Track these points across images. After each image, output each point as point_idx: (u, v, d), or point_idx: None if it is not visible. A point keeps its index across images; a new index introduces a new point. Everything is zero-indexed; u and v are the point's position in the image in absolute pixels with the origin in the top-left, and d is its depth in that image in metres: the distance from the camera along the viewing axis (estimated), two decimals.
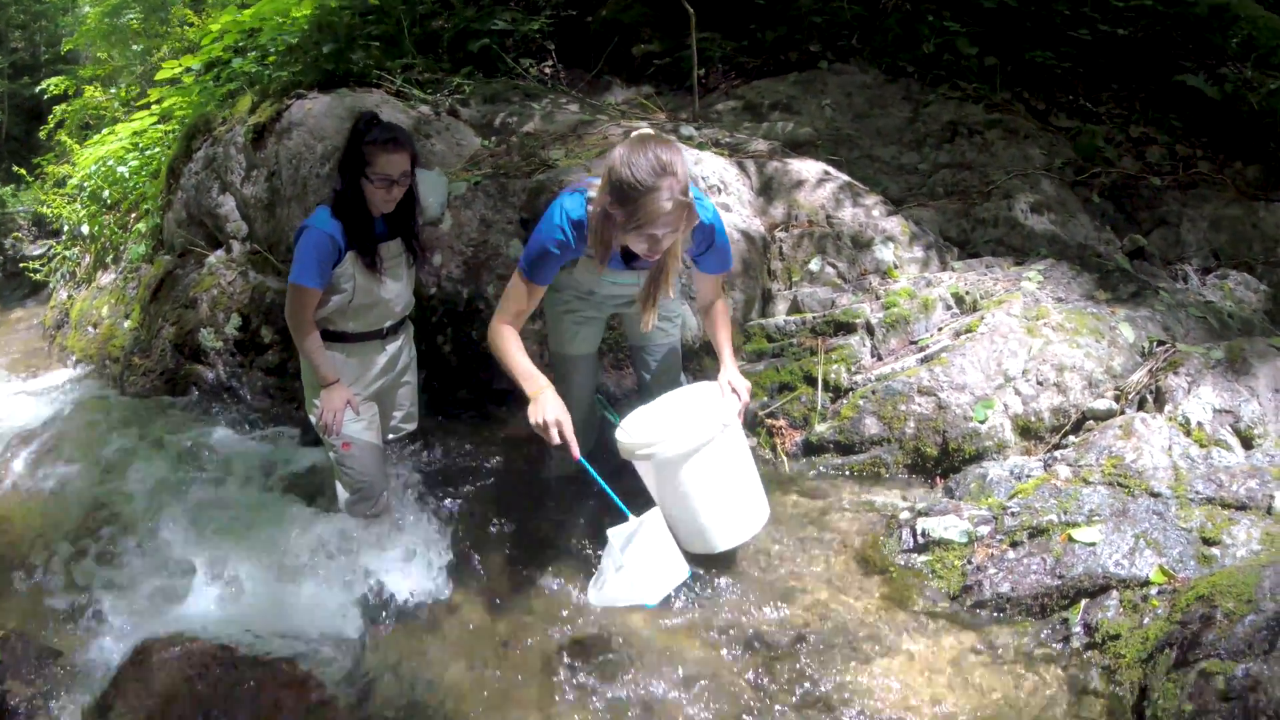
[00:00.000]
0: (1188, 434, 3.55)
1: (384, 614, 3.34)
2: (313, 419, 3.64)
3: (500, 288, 4.49)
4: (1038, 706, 2.70)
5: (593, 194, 2.97)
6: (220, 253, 5.60)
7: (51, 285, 7.90)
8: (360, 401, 3.63)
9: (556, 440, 2.90)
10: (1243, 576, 2.76)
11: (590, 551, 3.49)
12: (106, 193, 7.29)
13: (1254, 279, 5.25)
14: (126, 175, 7.17)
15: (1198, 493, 3.24)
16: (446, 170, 5.06)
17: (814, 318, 4.36)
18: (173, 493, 4.13)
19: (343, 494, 3.74)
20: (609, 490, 3.04)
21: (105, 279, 6.89)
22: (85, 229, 7.42)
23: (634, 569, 3.03)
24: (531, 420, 2.92)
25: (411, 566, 3.57)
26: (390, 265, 3.55)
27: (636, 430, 3.27)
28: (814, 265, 4.62)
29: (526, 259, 3.07)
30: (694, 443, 3.06)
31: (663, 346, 3.65)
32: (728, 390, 3.25)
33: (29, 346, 7.44)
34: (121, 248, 6.96)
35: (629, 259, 3.15)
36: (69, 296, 7.39)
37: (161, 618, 3.36)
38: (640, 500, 3.18)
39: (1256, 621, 2.56)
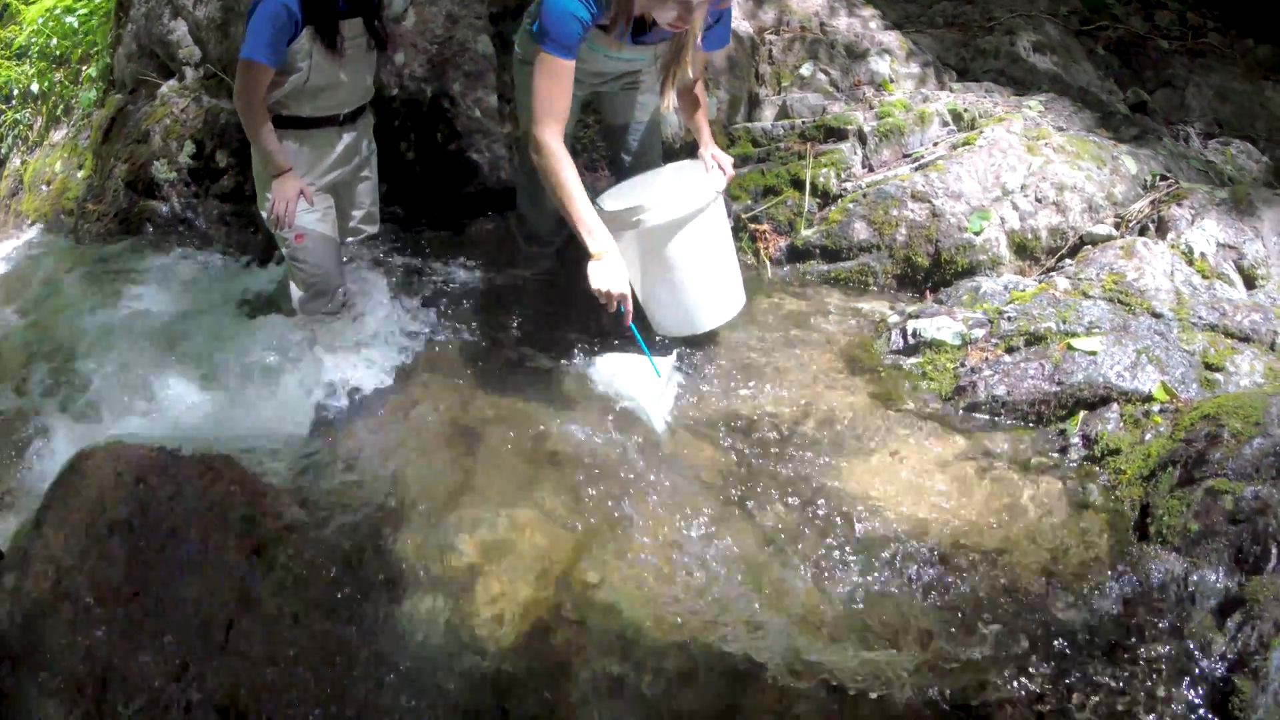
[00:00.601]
0: (1190, 263, 3.39)
1: (339, 413, 3.14)
2: (264, 214, 3.41)
3: (468, 85, 4.33)
4: (1034, 515, 2.51)
5: None
6: (173, 82, 5.27)
7: (3, 153, 7.52)
8: (315, 192, 3.40)
9: (614, 310, 2.75)
10: (1249, 400, 2.60)
11: (556, 349, 3.31)
12: (54, 41, 6.86)
13: (1256, 150, 5.07)
14: (75, 25, 6.72)
15: (1200, 318, 3.08)
16: None
17: (803, 123, 4.08)
18: (123, 321, 3.96)
19: (296, 292, 3.52)
20: (648, 354, 2.93)
21: (58, 135, 6.56)
22: (35, 87, 6.99)
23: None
24: (594, 284, 2.71)
25: (370, 366, 3.36)
26: (351, 47, 3.27)
27: (626, 198, 3.07)
28: (805, 70, 4.31)
29: (550, 34, 2.69)
30: (688, 209, 2.89)
31: (644, 124, 3.40)
32: (712, 164, 3.10)
33: None
34: (73, 100, 6.61)
35: (636, 32, 2.88)
36: (22, 162, 7.01)
37: (102, 431, 3.17)
38: None
39: (1264, 445, 2.41)
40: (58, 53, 6.90)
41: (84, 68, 6.65)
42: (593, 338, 3.28)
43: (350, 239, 3.78)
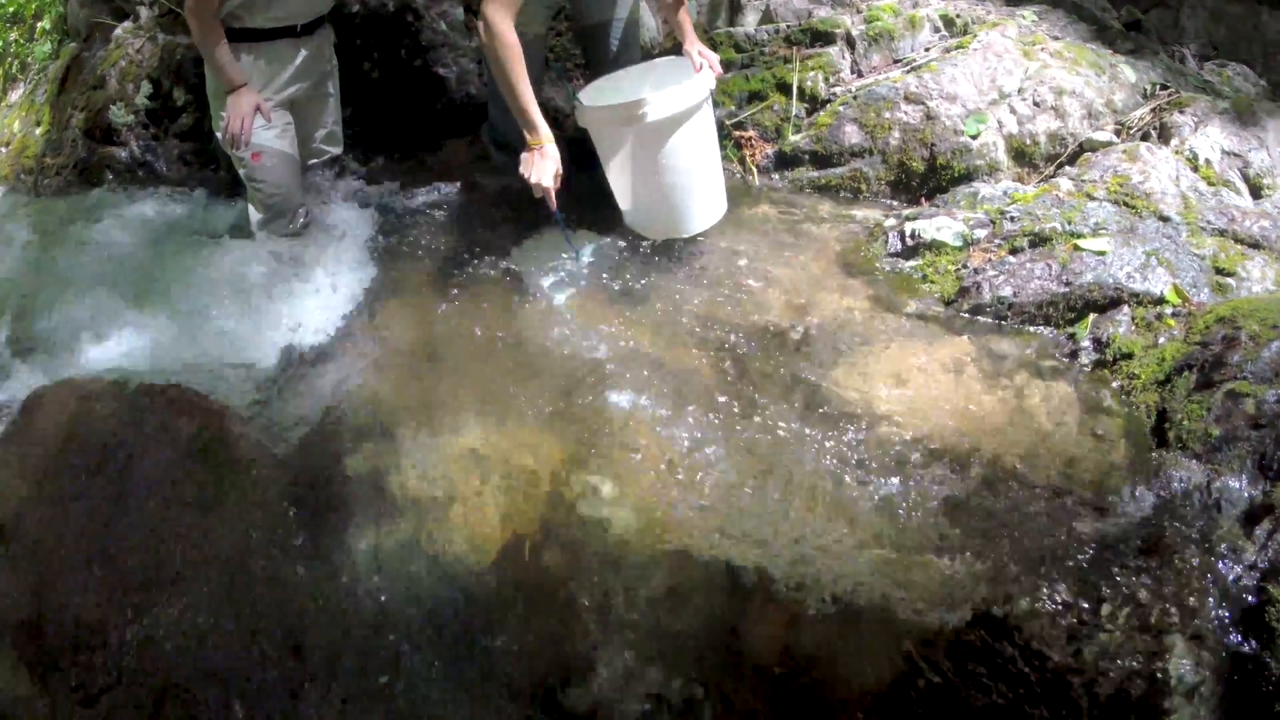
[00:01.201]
0: (1195, 169, 3.25)
1: (306, 337, 3.00)
2: (219, 135, 3.26)
3: None
4: (1048, 422, 2.36)
5: None
6: (127, 23, 5.07)
7: None
8: (272, 108, 3.25)
9: (538, 196, 2.83)
10: (1265, 303, 2.49)
11: (528, 262, 3.17)
12: None
13: (1253, 73, 4.92)
14: None
15: (1209, 223, 2.94)
16: None
17: (788, 27, 3.87)
18: (82, 267, 3.78)
19: (255, 215, 3.40)
20: (568, 237, 3.04)
21: (15, 95, 6.34)
22: None
23: None
24: (524, 172, 2.79)
25: (336, 288, 3.24)
26: None
27: (611, 94, 2.94)
28: None
29: None
30: (686, 104, 2.78)
31: (622, 20, 3.23)
32: (700, 61, 2.96)
33: None
34: (28, 57, 6.39)
35: None
36: None
37: (58, 371, 3.02)
38: None
39: None
40: (10, 10, 6.66)
41: (39, 23, 6.44)
42: (562, 250, 3.14)
43: (313, 160, 3.62)
